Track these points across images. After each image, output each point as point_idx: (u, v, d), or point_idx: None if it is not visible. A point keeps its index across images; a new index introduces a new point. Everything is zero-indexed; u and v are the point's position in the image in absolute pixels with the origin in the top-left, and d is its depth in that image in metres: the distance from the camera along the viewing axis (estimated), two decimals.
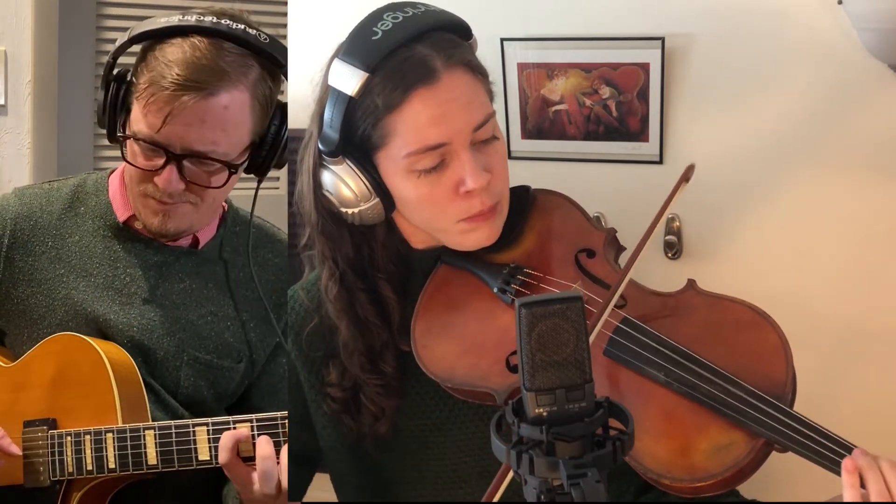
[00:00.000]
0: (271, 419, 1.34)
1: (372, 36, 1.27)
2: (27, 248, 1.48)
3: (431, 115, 1.27)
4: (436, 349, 1.34)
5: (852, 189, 1.91)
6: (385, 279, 1.39)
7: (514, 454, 0.89)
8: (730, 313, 1.30)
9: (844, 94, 1.89)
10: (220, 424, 1.35)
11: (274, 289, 1.55)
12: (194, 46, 1.35)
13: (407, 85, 1.26)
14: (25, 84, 2.28)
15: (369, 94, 1.27)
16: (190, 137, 1.35)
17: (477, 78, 1.32)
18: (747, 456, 1.18)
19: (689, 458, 1.19)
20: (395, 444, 1.42)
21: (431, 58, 1.27)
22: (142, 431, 1.36)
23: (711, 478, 1.17)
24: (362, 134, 1.30)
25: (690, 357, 1.24)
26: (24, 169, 2.29)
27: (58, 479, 1.40)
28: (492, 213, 1.33)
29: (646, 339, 1.26)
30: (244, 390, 1.56)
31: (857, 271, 1.94)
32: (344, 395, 1.41)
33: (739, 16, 1.93)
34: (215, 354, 1.50)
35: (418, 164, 1.28)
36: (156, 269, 1.49)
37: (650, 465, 1.18)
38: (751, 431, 1.19)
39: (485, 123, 1.30)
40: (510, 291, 1.34)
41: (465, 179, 1.28)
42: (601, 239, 1.39)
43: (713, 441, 1.19)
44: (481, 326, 1.35)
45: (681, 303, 1.33)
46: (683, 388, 1.22)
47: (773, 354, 1.25)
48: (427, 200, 1.31)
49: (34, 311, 1.47)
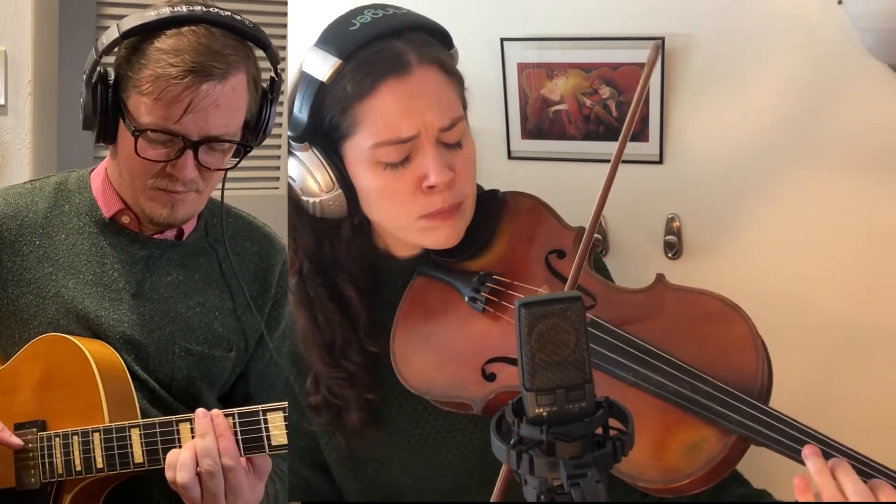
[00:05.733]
0: (252, 413, 1.32)
1: (350, 27, 1.29)
2: (14, 248, 1.49)
3: (400, 106, 1.27)
4: (414, 362, 1.34)
5: (853, 189, 1.91)
6: (348, 279, 1.39)
7: (514, 454, 0.89)
8: (698, 306, 1.29)
9: (844, 94, 1.89)
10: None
11: (255, 277, 1.56)
12: (196, 34, 1.36)
13: (378, 75, 1.27)
14: (25, 84, 2.28)
15: (340, 81, 1.27)
16: (208, 123, 1.37)
17: (450, 80, 1.32)
18: (720, 453, 1.16)
19: (662, 459, 1.18)
20: (391, 455, 1.42)
21: (406, 52, 1.28)
22: (127, 430, 1.36)
23: (686, 477, 1.16)
24: (330, 122, 1.30)
25: (658, 356, 1.23)
26: (23, 169, 2.28)
27: (48, 480, 1.40)
28: (453, 213, 1.32)
29: (613, 341, 1.25)
30: (235, 378, 1.57)
31: (858, 271, 1.94)
32: (321, 401, 1.41)
33: (739, 16, 1.93)
34: (206, 345, 1.50)
35: (384, 156, 1.28)
36: (142, 263, 1.50)
37: (623, 468, 1.16)
38: (723, 428, 1.17)
39: (452, 127, 1.30)
40: (480, 300, 1.34)
41: (429, 175, 1.28)
42: (570, 238, 1.39)
43: (685, 440, 1.18)
44: (457, 336, 1.35)
45: (650, 298, 1.32)
46: (652, 388, 1.21)
47: (742, 346, 1.23)
48: (388, 194, 1.31)
49: (24, 311, 1.47)
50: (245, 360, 1.57)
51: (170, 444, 1.34)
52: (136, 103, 1.38)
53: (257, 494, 1.33)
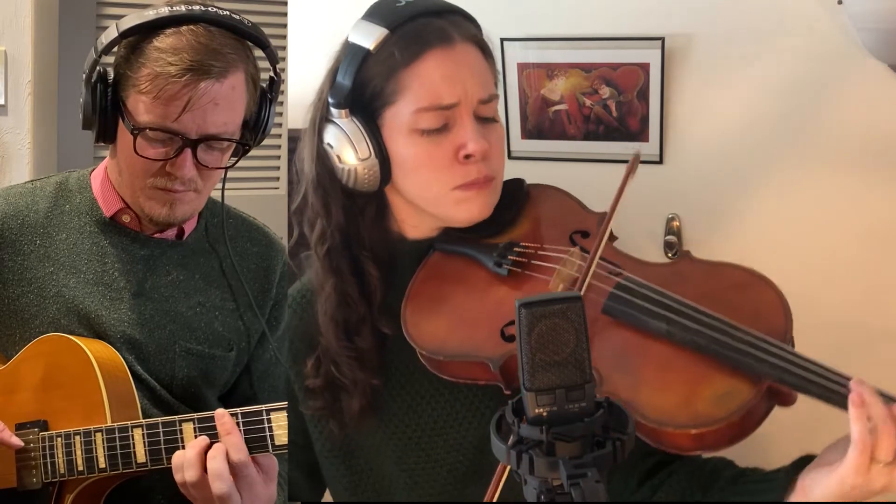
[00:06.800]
0: (255, 413, 1.32)
1: (396, 3, 1.35)
2: (15, 248, 1.49)
3: (444, 74, 1.32)
4: (426, 326, 1.35)
5: (853, 189, 1.92)
6: (370, 258, 1.41)
7: (514, 454, 0.89)
8: (726, 278, 1.31)
9: (844, 94, 1.89)
10: (207, 420, 1.34)
11: (256, 277, 1.56)
12: (195, 33, 1.37)
13: (424, 43, 1.33)
14: (25, 84, 2.28)
15: (386, 49, 1.33)
16: (206, 121, 1.37)
17: (487, 60, 1.39)
18: (751, 401, 1.16)
19: (693, 407, 1.18)
20: (386, 446, 1.42)
21: (449, 28, 1.35)
22: (130, 430, 1.36)
23: (715, 423, 1.15)
24: (373, 90, 1.34)
25: (691, 307, 1.24)
26: (24, 169, 2.29)
27: (50, 480, 1.40)
28: (487, 185, 1.35)
29: (647, 292, 1.27)
30: (235, 378, 1.57)
31: (857, 271, 1.94)
32: (321, 384, 1.41)
33: (739, 16, 1.93)
34: (206, 345, 1.50)
35: (423, 122, 1.32)
36: (143, 262, 1.50)
37: (652, 414, 1.17)
38: (754, 376, 1.18)
39: (490, 101, 1.36)
40: (507, 263, 1.36)
41: (467, 143, 1.32)
42: (594, 220, 1.40)
43: (716, 388, 1.18)
44: (475, 302, 1.36)
45: (677, 271, 1.34)
46: (686, 337, 1.22)
47: (772, 310, 1.25)
48: (426, 162, 1.34)
49: (25, 310, 1.47)
50: (245, 359, 1.57)
51: (173, 443, 1.34)
52: (135, 102, 1.38)
53: (270, 493, 1.33)
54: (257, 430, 1.31)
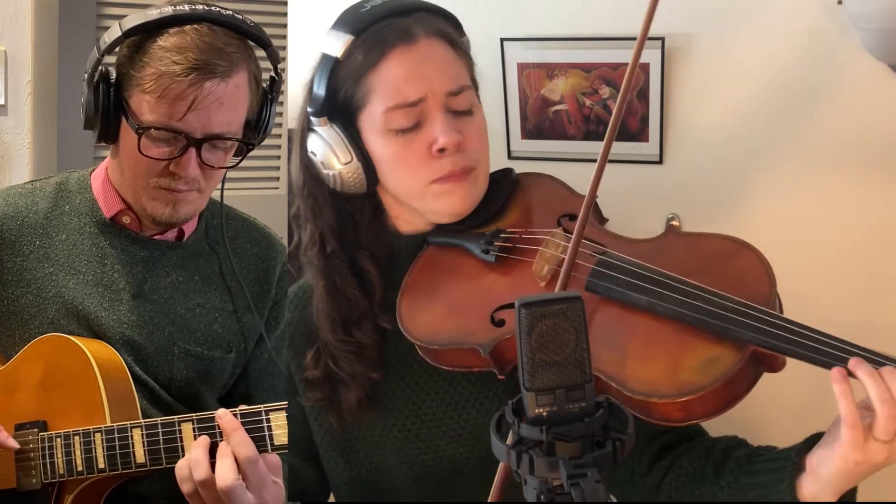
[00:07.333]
0: (255, 412, 1.32)
1: (361, 9, 1.37)
2: (15, 249, 1.49)
3: (406, 71, 1.34)
4: (421, 318, 1.36)
5: (853, 189, 1.91)
6: (368, 256, 1.43)
7: (514, 454, 0.89)
8: (708, 247, 1.32)
9: (844, 94, 1.89)
10: (206, 420, 1.34)
11: (255, 278, 1.56)
12: (199, 32, 1.37)
13: (386, 43, 1.34)
14: (25, 84, 2.28)
15: (352, 55, 1.35)
16: (211, 121, 1.38)
17: (456, 53, 1.39)
18: (736, 365, 1.16)
19: (678, 376, 1.18)
20: (386, 438, 1.42)
21: (412, 26, 1.36)
22: (129, 430, 1.36)
23: (700, 390, 1.16)
24: (345, 95, 1.36)
25: (672, 277, 1.25)
26: (24, 169, 2.28)
27: (49, 481, 1.40)
28: (464, 176, 1.37)
29: (628, 267, 1.28)
30: (234, 379, 1.57)
31: (857, 270, 1.94)
32: (320, 375, 1.42)
33: (739, 16, 1.93)
34: (206, 346, 1.50)
35: (395, 121, 1.34)
36: (143, 263, 1.50)
37: (639, 387, 1.17)
38: (738, 342, 1.18)
39: (460, 92, 1.36)
40: (493, 249, 1.37)
41: (438, 137, 1.34)
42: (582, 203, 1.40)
43: (700, 356, 1.19)
44: (466, 290, 1.37)
45: (661, 245, 1.34)
46: (668, 308, 1.22)
47: (755, 276, 1.26)
48: (401, 160, 1.36)
49: (25, 311, 1.47)
50: (244, 361, 1.57)
51: (172, 443, 1.34)
52: (139, 101, 1.38)
53: (279, 490, 1.33)
54: (256, 429, 1.30)
